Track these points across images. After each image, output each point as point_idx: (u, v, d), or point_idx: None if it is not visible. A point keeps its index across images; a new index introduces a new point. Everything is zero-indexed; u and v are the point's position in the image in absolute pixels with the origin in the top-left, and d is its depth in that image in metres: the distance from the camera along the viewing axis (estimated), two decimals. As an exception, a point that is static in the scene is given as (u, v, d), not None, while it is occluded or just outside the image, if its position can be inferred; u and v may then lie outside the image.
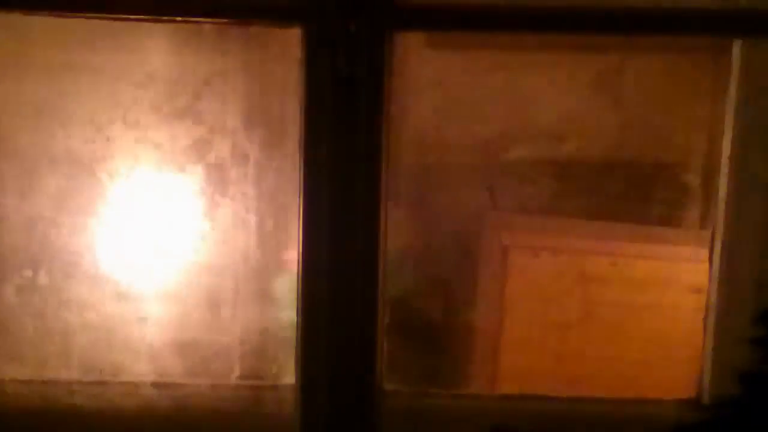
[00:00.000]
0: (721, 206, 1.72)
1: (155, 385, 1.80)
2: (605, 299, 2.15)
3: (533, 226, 2.23)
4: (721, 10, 1.63)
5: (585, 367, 2.10)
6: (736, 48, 1.70)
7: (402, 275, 1.97)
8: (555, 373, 2.12)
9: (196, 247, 1.84)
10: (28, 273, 1.83)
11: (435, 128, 2.07)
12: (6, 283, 1.84)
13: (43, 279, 1.83)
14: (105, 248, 1.83)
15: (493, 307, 2.18)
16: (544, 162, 2.12)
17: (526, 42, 1.95)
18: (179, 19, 1.70)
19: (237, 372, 1.86)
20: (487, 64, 2.04)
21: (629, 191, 2.11)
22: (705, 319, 1.74)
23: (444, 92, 2.06)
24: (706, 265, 1.74)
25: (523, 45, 1.99)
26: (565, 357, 2.14)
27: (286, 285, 1.81)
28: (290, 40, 1.66)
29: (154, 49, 1.82)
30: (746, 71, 1.70)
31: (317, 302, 1.67)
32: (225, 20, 1.74)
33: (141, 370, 1.85)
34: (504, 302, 2.18)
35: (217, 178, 1.82)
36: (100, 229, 1.83)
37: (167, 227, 1.85)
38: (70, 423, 1.76)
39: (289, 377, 1.77)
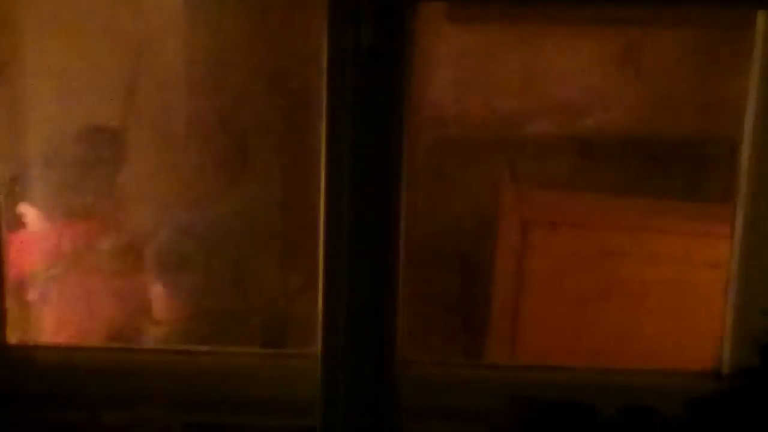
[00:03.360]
0: (743, 180, 1.72)
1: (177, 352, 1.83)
2: (625, 273, 2.15)
3: (553, 201, 2.23)
4: (745, -20, 1.62)
5: (605, 339, 2.10)
6: (761, 20, 1.68)
7: (422, 248, 1.98)
8: (575, 346, 2.12)
9: (221, 216, 1.85)
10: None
11: (455, 102, 2.07)
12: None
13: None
14: (128, 216, 1.85)
15: (513, 280, 2.18)
16: (564, 136, 2.11)
17: (547, 16, 1.94)
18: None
19: (259, 339, 1.88)
20: (508, 39, 2.03)
21: (650, 165, 2.10)
22: (726, 291, 1.74)
23: (464, 66, 2.06)
24: (727, 238, 1.74)
25: (543, 19, 1.98)
26: (584, 330, 2.14)
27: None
28: (313, 10, 1.66)
29: (175, 17, 1.82)
30: (770, 44, 1.68)
31: (338, 272, 1.68)
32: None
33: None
34: (523, 276, 2.18)
35: (240, 148, 1.83)
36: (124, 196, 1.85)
37: (191, 196, 1.86)
38: (94, 388, 1.78)
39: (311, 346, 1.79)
